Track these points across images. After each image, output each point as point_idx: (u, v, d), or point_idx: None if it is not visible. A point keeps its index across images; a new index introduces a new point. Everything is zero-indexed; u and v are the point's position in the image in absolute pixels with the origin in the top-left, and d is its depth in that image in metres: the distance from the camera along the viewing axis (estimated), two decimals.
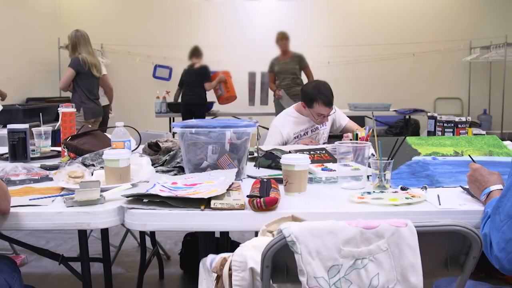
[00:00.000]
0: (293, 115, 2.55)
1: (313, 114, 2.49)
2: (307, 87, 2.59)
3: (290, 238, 0.87)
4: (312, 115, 2.50)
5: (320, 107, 2.45)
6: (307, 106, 2.49)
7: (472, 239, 0.93)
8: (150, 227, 1.23)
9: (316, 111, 2.47)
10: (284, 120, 2.51)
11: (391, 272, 0.88)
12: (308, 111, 2.50)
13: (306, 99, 2.49)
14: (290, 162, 1.33)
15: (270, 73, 5.52)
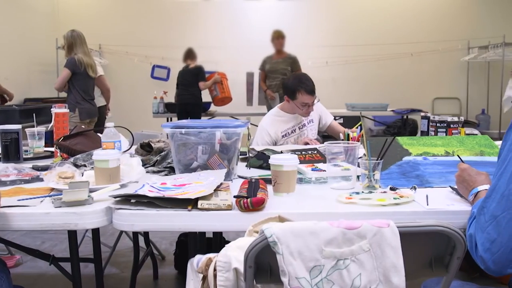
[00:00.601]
0: (279, 114, 2.56)
1: (298, 105, 2.50)
2: (287, 80, 2.63)
3: (272, 239, 0.87)
4: (297, 107, 2.51)
5: (303, 96, 2.47)
6: (290, 99, 2.50)
7: (456, 239, 0.93)
8: (138, 228, 1.23)
9: (300, 101, 2.48)
10: (270, 120, 2.52)
11: (373, 272, 0.88)
12: (292, 104, 2.51)
13: (288, 92, 2.51)
14: (279, 162, 1.33)
15: (261, 71, 5.44)
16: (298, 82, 2.49)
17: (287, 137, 2.54)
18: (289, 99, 2.51)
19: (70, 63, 3.87)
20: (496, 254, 0.99)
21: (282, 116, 2.55)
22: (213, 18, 6.75)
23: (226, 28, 6.71)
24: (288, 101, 2.52)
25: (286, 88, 2.54)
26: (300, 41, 6.55)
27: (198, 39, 6.38)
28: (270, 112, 2.63)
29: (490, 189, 1.03)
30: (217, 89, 5.26)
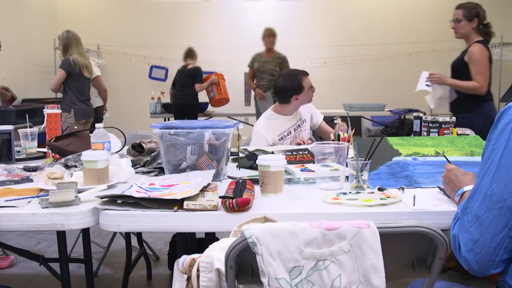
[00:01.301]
0: (273, 117, 2.53)
1: (307, 94, 2.49)
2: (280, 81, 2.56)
3: (251, 239, 0.87)
4: (307, 97, 2.51)
5: (306, 79, 2.51)
6: (298, 94, 2.47)
7: (437, 240, 0.93)
8: (124, 228, 1.23)
9: (308, 85, 2.50)
10: (265, 124, 2.48)
11: (353, 273, 0.88)
12: (300, 100, 2.48)
13: (294, 90, 2.47)
14: (266, 163, 1.33)
15: (250, 68, 5.27)
16: (294, 74, 2.53)
17: (284, 140, 2.52)
18: (298, 96, 2.47)
19: (65, 64, 3.87)
20: (479, 255, 0.99)
21: (276, 119, 2.53)
22: (211, 19, 6.76)
23: (224, 28, 6.72)
24: (296, 99, 2.48)
25: (288, 90, 2.48)
26: (298, 41, 6.56)
27: (196, 39, 6.38)
28: (263, 115, 2.60)
29: (473, 189, 1.03)
30: (214, 90, 5.25)
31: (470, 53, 2.97)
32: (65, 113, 3.94)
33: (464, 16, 2.99)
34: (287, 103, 2.50)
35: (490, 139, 1.03)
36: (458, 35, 3.10)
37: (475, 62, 2.95)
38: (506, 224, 0.97)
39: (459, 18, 3.02)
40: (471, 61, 2.96)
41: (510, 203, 0.96)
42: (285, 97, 2.49)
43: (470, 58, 2.96)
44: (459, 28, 3.04)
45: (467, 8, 3.00)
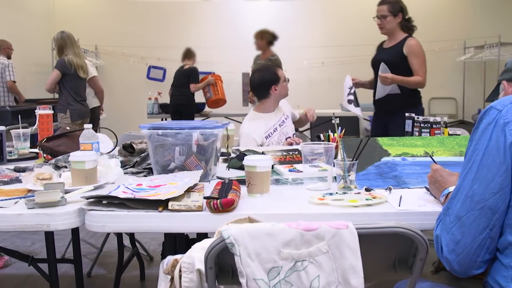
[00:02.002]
0: (257, 117, 2.53)
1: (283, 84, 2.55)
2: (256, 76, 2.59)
3: (229, 240, 0.87)
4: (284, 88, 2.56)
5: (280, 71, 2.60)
6: (276, 84, 2.51)
7: (417, 241, 0.93)
8: (109, 229, 1.24)
9: (282, 76, 2.56)
10: (251, 125, 2.49)
11: (332, 274, 0.88)
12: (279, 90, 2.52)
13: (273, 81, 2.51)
14: (252, 163, 1.33)
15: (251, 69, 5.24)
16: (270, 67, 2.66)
17: (270, 138, 2.52)
18: (276, 86, 2.51)
19: (59, 64, 3.88)
20: (461, 255, 0.99)
21: (260, 118, 2.53)
22: (209, 19, 6.76)
23: (222, 28, 6.72)
24: (275, 90, 2.51)
25: (267, 82, 2.51)
26: (296, 42, 6.56)
27: (194, 39, 6.38)
28: (246, 117, 2.59)
29: (455, 190, 1.03)
30: (211, 90, 5.23)
31: (410, 46, 2.90)
32: (60, 114, 3.95)
33: (389, 11, 2.92)
34: (267, 97, 2.53)
35: (472, 139, 1.03)
36: (384, 31, 3.01)
37: (416, 55, 2.90)
38: (487, 225, 0.97)
39: (385, 14, 2.94)
40: (413, 54, 2.89)
41: (491, 203, 0.96)
42: (264, 90, 2.52)
43: (411, 52, 2.89)
44: (385, 24, 2.95)
45: (391, 3, 2.93)
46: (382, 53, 3.04)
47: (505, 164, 0.95)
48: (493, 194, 0.96)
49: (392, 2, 2.93)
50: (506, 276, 0.95)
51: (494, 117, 0.99)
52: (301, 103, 5.70)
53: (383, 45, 3.10)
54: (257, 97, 2.61)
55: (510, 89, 1.16)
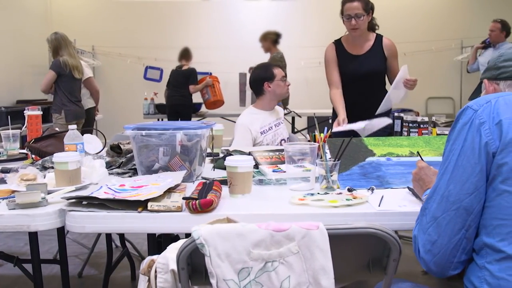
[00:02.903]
0: (256, 113, 2.55)
1: (279, 83, 2.51)
2: (253, 73, 2.60)
3: (199, 241, 0.86)
4: (280, 87, 2.52)
5: (278, 69, 2.54)
6: (270, 82, 2.49)
7: (390, 241, 0.92)
8: (89, 229, 1.23)
9: (280, 75, 2.52)
10: (249, 118, 2.51)
11: (303, 274, 0.88)
12: (273, 88, 2.50)
13: (265, 78, 2.50)
14: (233, 164, 1.33)
15: None
16: (266, 65, 2.60)
17: (265, 134, 2.52)
18: (270, 84, 2.50)
19: (55, 65, 3.88)
20: (437, 256, 0.99)
21: (258, 113, 2.54)
22: (205, 19, 6.76)
23: (219, 28, 6.72)
24: (269, 87, 2.50)
25: (260, 78, 2.51)
26: (293, 42, 6.55)
27: (191, 39, 6.38)
28: (246, 111, 2.62)
29: (432, 190, 1.02)
30: (209, 92, 5.24)
31: (390, 47, 2.61)
32: (55, 114, 3.95)
33: (364, 9, 2.49)
34: (262, 94, 2.54)
35: (449, 139, 1.02)
36: (358, 33, 2.53)
37: (396, 55, 2.65)
38: (463, 225, 0.97)
39: (360, 13, 2.47)
40: (394, 55, 2.63)
41: (466, 204, 0.96)
42: (258, 86, 2.53)
43: (393, 53, 2.62)
44: (360, 25, 2.49)
45: (364, 1, 2.50)
46: (364, 63, 2.59)
47: (480, 164, 0.95)
48: (468, 195, 0.96)
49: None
50: (479, 276, 0.94)
51: (470, 117, 0.98)
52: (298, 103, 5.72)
53: (349, 52, 2.62)
54: (255, 94, 2.63)
55: (491, 88, 1.16)
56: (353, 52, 2.60)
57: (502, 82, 1.13)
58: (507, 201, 0.91)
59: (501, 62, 1.14)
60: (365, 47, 2.59)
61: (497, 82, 1.14)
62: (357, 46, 2.60)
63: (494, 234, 0.93)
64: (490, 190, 0.94)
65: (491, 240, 0.93)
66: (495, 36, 4.88)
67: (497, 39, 4.89)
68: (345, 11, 2.51)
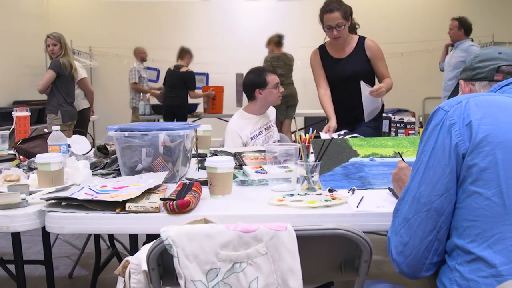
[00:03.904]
0: (244, 117, 2.54)
1: (272, 90, 2.48)
2: (246, 77, 2.58)
3: (167, 242, 0.87)
4: (272, 94, 2.49)
5: (272, 76, 2.50)
6: (261, 88, 2.47)
7: (360, 242, 0.92)
8: (67, 230, 1.24)
9: (273, 82, 2.48)
10: (240, 123, 2.49)
11: (271, 276, 0.88)
12: (264, 95, 2.48)
13: (257, 84, 2.47)
14: (213, 165, 1.33)
15: None
16: (259, 71, 2.54)
17: (256, 139, 2.52)
18: (261, 91, 2.48)
19: (55, 66, 3.89)
20: (409, 258, 0.99)
21: (248, 118, 2.54)
22: (202, 19, 6.76)
23: (216, 29, 6.72)
24: (260, 94, 2.48)
25: (252, 84, 2.50)
26: (290, 42, 6.54)
27: (188, 40, 6.39)
28: (235, 115, 2.60)
29: (404, 191, 1.02)
30: (209, 104, 5.23)
31: (373, 48, 2.58)
32: (51, 115, 3.96)
33: (343, 18, 2.48)
34: (253, 99, 2.52)
35: (421, 141, 1.02)
36: (341, 40, 2.55)
37: (381, 56, 2.59)
38: (434, 227, 0.97)
39: (340, 23, 2.47)
40: (377, 57, 2.58)
41: (437, 205, 0.96)
42: (250, 92, 2.52)
43: (376, 54, 2.57)
44: (342, 33, 2.50)
45: (342, 8, 2.48)
46: (346, 66, 2.63)
47: (450, 166, 0.95)
48: (438, 196, 0.96)
49: (342, 6, 2.50)
50: (450, 278, 0.94)
51: (441, 118, 0.98)
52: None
53: (332, 56, 2.67)
54: (247, 98, 2.62)
55: (467, 89, 1.16)
56: (336, 56, 2.63)
57: (477, 83, 1.14)
58: (477, 202, 0.91)
59: (476, 62, 1.14)
60: (347, 50, 2.60)
61: (472, 83, 1.15)
62: (339, 50, 2.62)
63: (465, 236, 0.93)
64: (460, 191, 0.94)
65: (461, 241, 0.93)
66: (453, 35, 4.74)
67: (455, 37, 4.73)
68: (325, 21, 2.51)
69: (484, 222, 0.90)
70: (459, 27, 4.66)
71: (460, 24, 4.66)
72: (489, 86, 1.11)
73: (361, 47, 2.60)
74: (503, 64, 1.10)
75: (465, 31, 4.68)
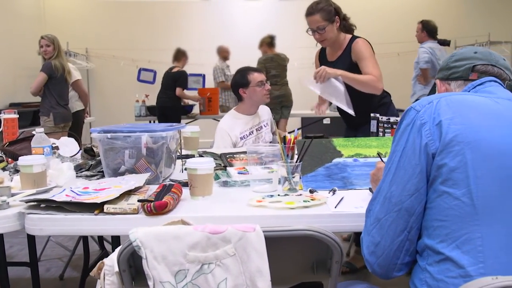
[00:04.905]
0: (237, 117, 2.55)
1: (255, 88, 2.48)
2: (232, 79, 2.61)
3: (136, 243, 0.87)
4: (255, 93, 2.49)
5: (253, 74, 2.50)
6: (245, 88, 2.48)
7: (330, 243, 0.93)
8: (46, 232, 1.24)
9: (255, 80, 2.48)
10: (231, 123, 2.51)
11: (240, 277, 0.88)
12: (248, 94, 2.49)
13: (240, 84, 2.50)
14: (193, 166, 1.34)
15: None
16: (243, 70, 2.56)
17: (245, 139, 2.53)
18: (245, 90, 2.49)
19: (46, 68, 3.90)
20: (381, 258, 0.99)
21: (239, 118, 2.55)
22: (199, 21, 6.77)
23: (212, 30, 6.73)
24: (244, 93, 2.50)
25: (236, 83, 2.52)
26: (286, 42, 6.55)
27: (184, 41, 6.40)
28: (226, 115, 2.62)
29: (376, 191, 1.02)
30: (205, 105, 5.22)
31: (356, 49, 2.41)
32: (44, 117, 3.97)
33: (325, 19, 2.36)
34: (241, 99, 2.55)
35: (394, 140, 1.03)
36: (327, 43, 2.45)
37: (364, 56, 2.38)
38: (405, 227, 0.97)
39: (321, 25, 2.36)
40: (361, 57, 2.39)
41: (407, 205, 0.96)
42: (236, 92, 2.55)
43: (359, 55, 2.40)
44: (325, 36, 2.39)
45: (323, 9, 2.37)
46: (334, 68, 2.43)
47: (420, 165, 0.95)
48: (409, 196, 0.96)
49: (324, 8, 2.39)
50: (421, 278, 0.94)
51: (413, 118, 0.98)
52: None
53: (327, 57, 2.58)
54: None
55: (442, 88, 1.16)
56: (329, 59, 2.56)
57: (453, 82, 1.14)
58: (446, 202, 0.91)
59: (452, 62, 1.14)
60: (338, 53, 2.51)
61: (448, 82, 1.14)
62: (332, 53, 2.54)
63: (434, 236, 0.93)
64: (431, 191, 0.94)
65: (431, 241, 0.93)
66: (418, 37, 5.02)
67: (420, 39, 5.01)
68: (308, 24, 2.43)
69: (453, 222, 0.90)
70: (421, 29, 4.93)
71: (422, 26, 4.92)
72: (464, 85, 1.11)
73: (349, 50, 2.47)
74: (478, 64, 1.10)
75: (427, 32, 4.93)
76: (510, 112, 0.96)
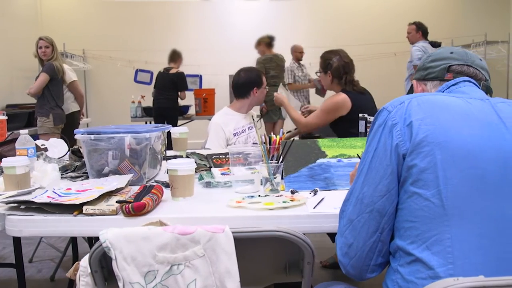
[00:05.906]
0: (231, 114, 2.58)
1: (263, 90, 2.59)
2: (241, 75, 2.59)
3: (106, 244, 0.87)
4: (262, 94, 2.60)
5: (264, 77, 2.62)
6: (258, 88, 2.56)
7: (300, 244, 0.93)
8: (26, 233, 1.24)
9: (265, 83, 2.60)
10: (224, 119, 2.53)
11: (209, 277, 0.88)
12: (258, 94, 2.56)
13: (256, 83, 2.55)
14: (174, 167, 1.34)
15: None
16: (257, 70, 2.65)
17: (237, 137, 2.54)
18: (257, 89, 2.56)
19: (49, 69, 3.92)
20: (354, 259, 0.99)
21: (233, 115, 2.57)
22: (195, 21, 6.78)
23: (209, 30, 6.74)
24: (255, 93, 2.55)
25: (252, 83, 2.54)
26: (284, 43, 6.55)
27: (181, 42, 6.41)
28: (222, 111, 2.64)
29: (349, 192, 1.03)
30: (201, 106, 5.23)
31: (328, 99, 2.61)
32: (42, 118, 3.98)
33: (321, 67, 2.62)
34: (245, 97, 2.57)
35: (367, 141, 1.03)
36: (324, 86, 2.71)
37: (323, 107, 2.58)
38: (377, 228, 0.97)
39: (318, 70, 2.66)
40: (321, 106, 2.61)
41: (379, 206, 0.96)
42: (245, 90, 2.56)
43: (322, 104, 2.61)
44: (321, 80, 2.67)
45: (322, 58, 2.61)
46: None
47: (391, 166, 0.95)
48: (380, 197, 0.96)
49: (324, 57, 2.61)
50: (393, 279, 0.94)
51: (384, 119, 0.98)
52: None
53: None
54: (236, 96, 2.63)
55: (419, 89, 1.16)
56: None
57: (429, 83, 1.14)
58: (417, 203, 0.91)
59: (428, 62, 1.14)
60: None
61: (425, 83, 1.15)
62: None
63: (405, 237, 0.93)
64: (402, 192, 0.95)
65: (402, 242, 0.93)
66: (412, 37, 5.08)
67: (414, 40, 5.06)
68: None
69: (423, 223, 0.90)
70: (416, 29, 5.03)
71: (417, 27, 5.02)
72: (439, 85, 1.11)
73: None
74: (453, 64, 1.10)
75: (423, 33, 5.03)
76: (481, 112, 0.96)
